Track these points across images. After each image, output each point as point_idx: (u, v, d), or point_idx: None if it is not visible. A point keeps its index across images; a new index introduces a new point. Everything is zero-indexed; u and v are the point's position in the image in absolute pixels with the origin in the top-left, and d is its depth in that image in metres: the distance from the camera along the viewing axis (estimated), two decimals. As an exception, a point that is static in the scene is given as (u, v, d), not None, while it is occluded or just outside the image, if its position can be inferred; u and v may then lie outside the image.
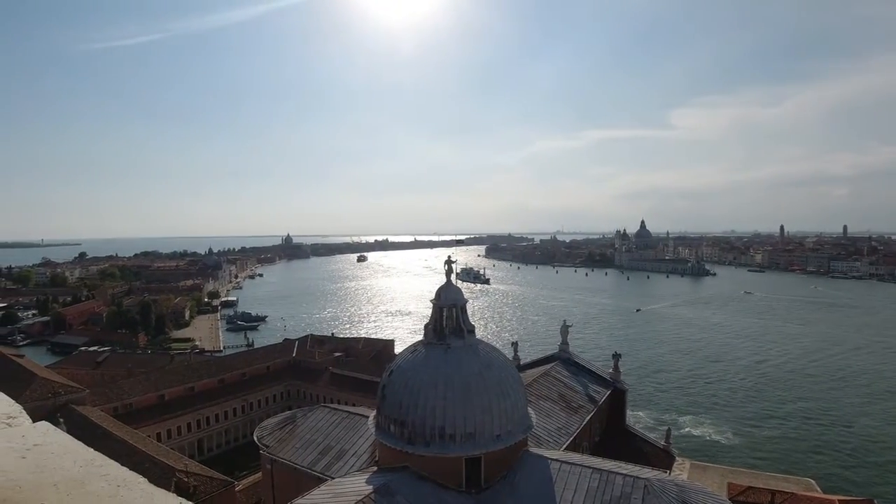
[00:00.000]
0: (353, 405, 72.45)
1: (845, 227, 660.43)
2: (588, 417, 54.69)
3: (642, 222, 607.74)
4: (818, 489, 59.20)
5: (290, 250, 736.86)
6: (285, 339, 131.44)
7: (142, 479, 4.39)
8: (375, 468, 36.13)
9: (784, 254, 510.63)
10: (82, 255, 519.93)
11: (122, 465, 4.73)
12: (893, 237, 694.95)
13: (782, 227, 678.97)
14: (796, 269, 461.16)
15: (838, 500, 45.42)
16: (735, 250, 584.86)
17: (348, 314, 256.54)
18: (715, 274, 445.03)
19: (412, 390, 34.18)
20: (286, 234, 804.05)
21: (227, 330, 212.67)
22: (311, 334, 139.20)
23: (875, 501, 48.00)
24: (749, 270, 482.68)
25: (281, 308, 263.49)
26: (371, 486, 31.04)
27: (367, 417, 39.69)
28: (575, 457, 37.86)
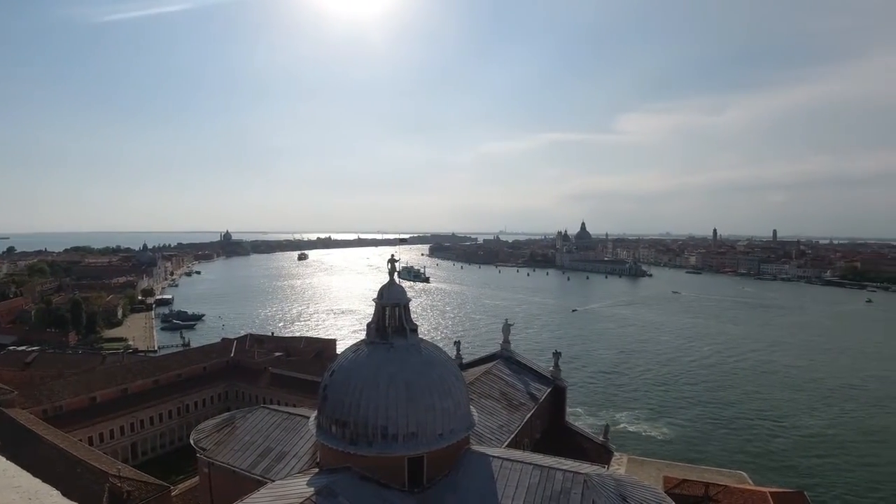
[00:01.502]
0: (294, 406, 71.38)
1: (775, 232, 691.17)
2: (529, 415, 55.36)
3: (583, 224, 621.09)
4: (749, 482, 61.49)
5: (229, 247, 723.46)
6: (223, 339, 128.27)
7: (55, 492, 4.09)
8: (317, 470, 35.59)
9: (717, 256, 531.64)
10: (10, 249, 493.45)
11: (54, 469, 4.41)
12: (821, 241, 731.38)
13: (715, 231, 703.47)
14: (728, 271, 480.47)
15: (769, 493, 47.11)
16: (670, 252, 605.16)
17: (289, 313, 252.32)
18: (651, 275, 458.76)
19: (354, 390, 33.81)
20: (225, 231, 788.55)
21: (162, 329, 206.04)
22: (251, 333, 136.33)
23: (805, 493, 50.13)
24: (686, 272, 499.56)
25: (219, 306, 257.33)
26: (313, 488, 30.58)
27: (309, 418, 39.06)
28: (516, 454, 38.21)
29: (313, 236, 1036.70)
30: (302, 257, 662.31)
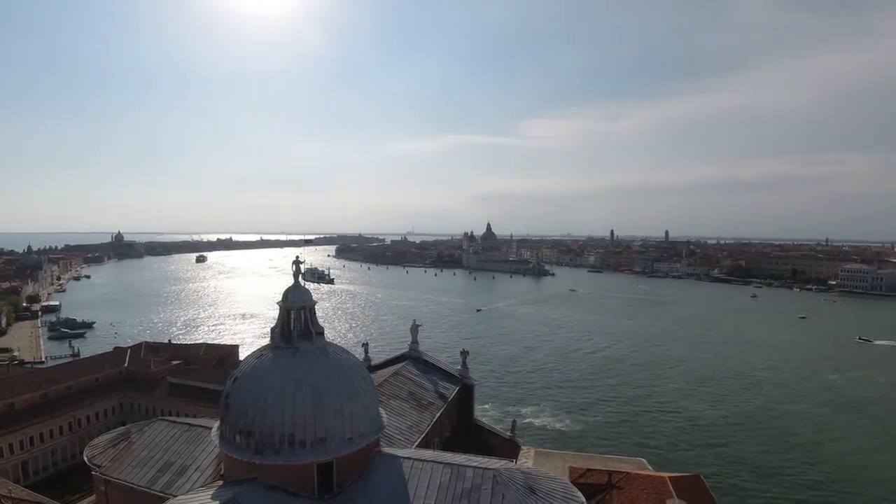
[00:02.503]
0: (195, 417, 68.63)
1: (667, 232, 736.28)
2: (438, 414, 55.65)
3: (488, 225, 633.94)
4: (649, 468, 64.46)
5: (121, 249, 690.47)
6: (116, 348, 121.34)
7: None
8: (222, 482, 34.36)
9: (614, 256, 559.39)
10: None
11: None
12: (709, 241, 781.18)
13: (612, 232, 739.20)
14: (625, 270, 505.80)
15: (668, 477, 49.48)
16: (572, 252, 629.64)
17: (187, 318, 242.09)
18: (554, 274, 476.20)
19: (259, 397, 32.85)
20: (116, 232, 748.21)
21: (50, 338, 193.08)
22: (146, 341, 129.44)
23: (701, 476, 53.17)
24: (588, 271, 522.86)
25: (111, 313, 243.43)
26: (217, 502, 29.66)
27: (211, 429, 37.66)
28: (427, 453, 38.39)
29: (213, 237, 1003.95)
30: (200, 259, 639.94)
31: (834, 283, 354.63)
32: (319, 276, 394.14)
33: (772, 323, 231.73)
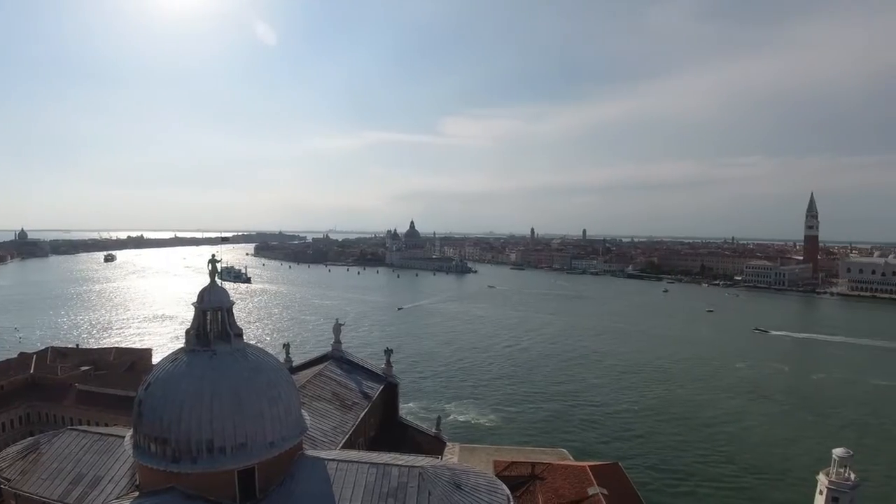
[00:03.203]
0: (107, 425, 65.72)
1: (584, 231, 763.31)
2: (362, 414, 55.21)
3: (412, 223, 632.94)
4: (570, 457, 66.41)
5: (24, 247, 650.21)
6: (21, 354, 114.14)
7: None
8: (137, 493, 32.90)
9: (534, 253, 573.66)
10: None
11: None
12: (624, 239, 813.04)
13: (533, 230, 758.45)
14: (545, 267, 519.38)
15: (588, 466, 51.02)
16: (494, 250, 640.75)
17: (96, 321, 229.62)
18: (476, 272, 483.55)
19: (174, 403, 31.55)
20: (20, 229, 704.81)
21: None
22: (53, 346, 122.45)
23: (619, 463, 55.14)
24: (511, 268, 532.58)
25: (14, 316, 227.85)
26: (132, 513, 28.21)
27: (124, 438, 35.95)
28: (352, 454, 38.08)
29: (123, 235, 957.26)
30: (109, 258, 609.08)
31: (739, 278, 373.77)
32: (236, 276, 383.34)
33: (682, 316, 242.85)
